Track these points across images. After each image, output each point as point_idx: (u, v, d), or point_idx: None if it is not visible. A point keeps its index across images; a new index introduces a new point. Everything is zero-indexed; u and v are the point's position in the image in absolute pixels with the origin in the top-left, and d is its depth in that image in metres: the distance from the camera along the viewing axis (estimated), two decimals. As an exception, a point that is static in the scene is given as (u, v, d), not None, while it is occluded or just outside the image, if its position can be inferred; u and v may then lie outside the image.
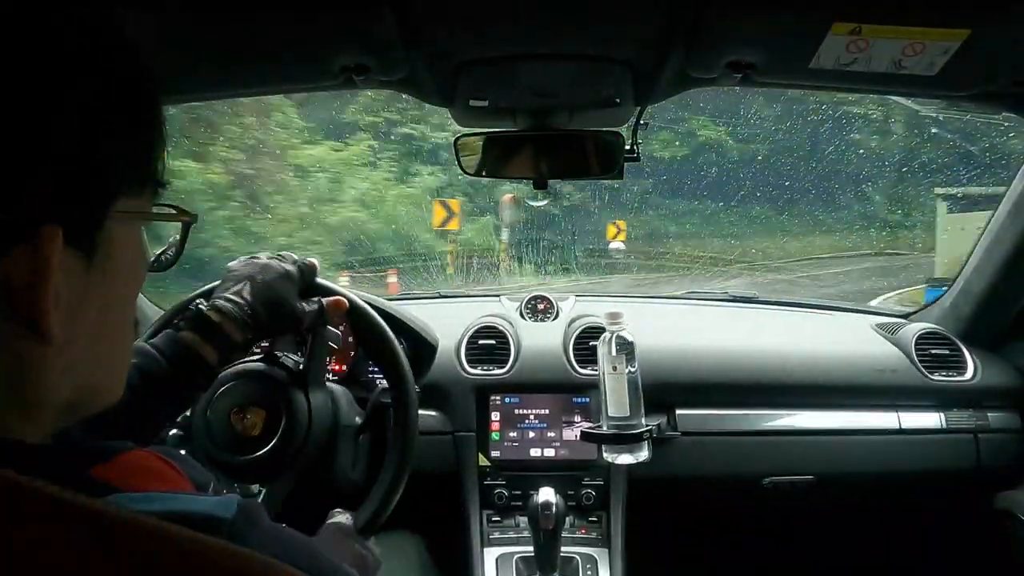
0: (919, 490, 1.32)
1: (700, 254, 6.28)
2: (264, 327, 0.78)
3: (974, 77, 0.83)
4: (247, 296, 0.76)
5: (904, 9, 0.69)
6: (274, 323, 0.79)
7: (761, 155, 7.48)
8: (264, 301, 0.77)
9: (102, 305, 0.35)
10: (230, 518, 0.33)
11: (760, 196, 7.37)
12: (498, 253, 5.09)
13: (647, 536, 1.24)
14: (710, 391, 1.28)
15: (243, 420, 0.83)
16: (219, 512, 0.33)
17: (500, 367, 1.29)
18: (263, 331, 0.79)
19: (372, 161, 6.07)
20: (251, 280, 0.78)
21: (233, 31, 0.74)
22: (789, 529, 1.46)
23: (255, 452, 0.82)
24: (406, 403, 0.90)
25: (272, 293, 0.78)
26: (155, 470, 0.36)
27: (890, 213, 7.20)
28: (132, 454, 0.36)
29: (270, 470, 0.84)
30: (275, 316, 0.78)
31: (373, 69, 0.83)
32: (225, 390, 0.85)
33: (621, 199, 6.59)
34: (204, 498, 0.35)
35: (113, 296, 0.36)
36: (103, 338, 0.36)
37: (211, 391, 0.85)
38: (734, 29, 0.75)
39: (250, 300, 0.76)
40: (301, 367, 0.88)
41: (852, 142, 7.01)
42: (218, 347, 0.74)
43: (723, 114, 7.57)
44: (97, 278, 0.34)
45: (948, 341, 1.35)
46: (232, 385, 0.85)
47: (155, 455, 0.37)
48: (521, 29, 0.76)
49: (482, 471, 1.24)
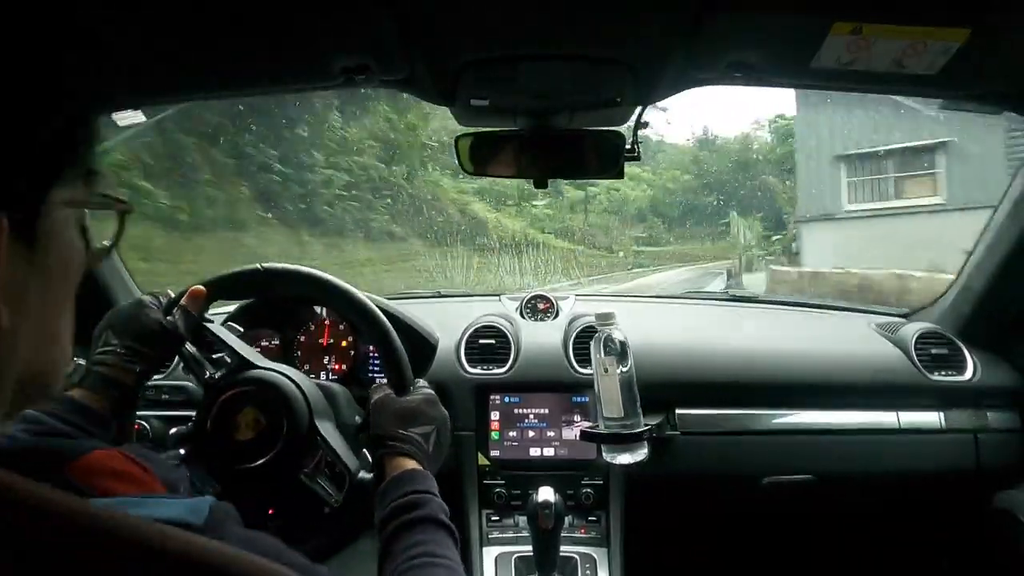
0: (918, 490, 1.32)
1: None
2: (145, 355, 0.82)
3: (975, 77, 0.83)
4: (114, 340, 0.81)
5: (905, 9, 0.69)
6: (148, 346, 0.82)
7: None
8: (131, 335, 0.81)
9: (44, 295, 0.36)
10: (201, 524, 0.33)
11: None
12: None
13: (646, 536, 1.24)
14: (709, 390, 1.28)
15: (241, 423, 0.85)
16: (190, 518, 0.33)
17: (500, 366, 1.29)
18: (147, 359, 0.82)
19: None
20: (110, 325, 0.82)
21: (233, 31, 0.74)
22: (788, 528, 1.46)
23: (255, 460, 0.83)
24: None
25: (134, 324, 0.82)
26: (122, 472, 0.36)
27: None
28: (96, 454, 0.35)
29: (273, 474, 0.85)
30: (146, 341, 0.82)
31: (374, 69, 0.83)
32: (226, 398, 0.86)
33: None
34: (175, 501, 0.35)
35: (54, 286, 0.37)
36: (47, 327, 0.37)
37: (211, 400, 0.86)
38: (735, 29, 0.74)
39: (118, 340, 0.81)
40: (217, 375, 0.90)
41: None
42: (110, 396, 0.77)
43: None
44: (39, 269, 0.35)
45: (948, 341, 1.35)
46: (240, 391, 0.86)
47: (122, 455, 0.37)
48: (522, 29, 0.76)
49: (481, 470, 1.24)
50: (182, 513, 0.33)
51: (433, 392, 0.91)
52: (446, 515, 0.73)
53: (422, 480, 0.77)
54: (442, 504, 0.74)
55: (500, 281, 5.01)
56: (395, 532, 0.69)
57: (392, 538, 0.69)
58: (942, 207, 8.59)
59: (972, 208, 7.02)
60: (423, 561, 0.65)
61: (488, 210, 8.37)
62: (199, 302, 0.90)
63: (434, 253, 5.67)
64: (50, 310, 0.37)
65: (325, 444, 0.87)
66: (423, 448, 0.82)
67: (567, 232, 9.23)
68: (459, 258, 5.19)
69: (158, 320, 0.84)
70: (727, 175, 12.76)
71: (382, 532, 0.71)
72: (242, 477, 0.83)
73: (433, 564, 0.65)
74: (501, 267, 5.23)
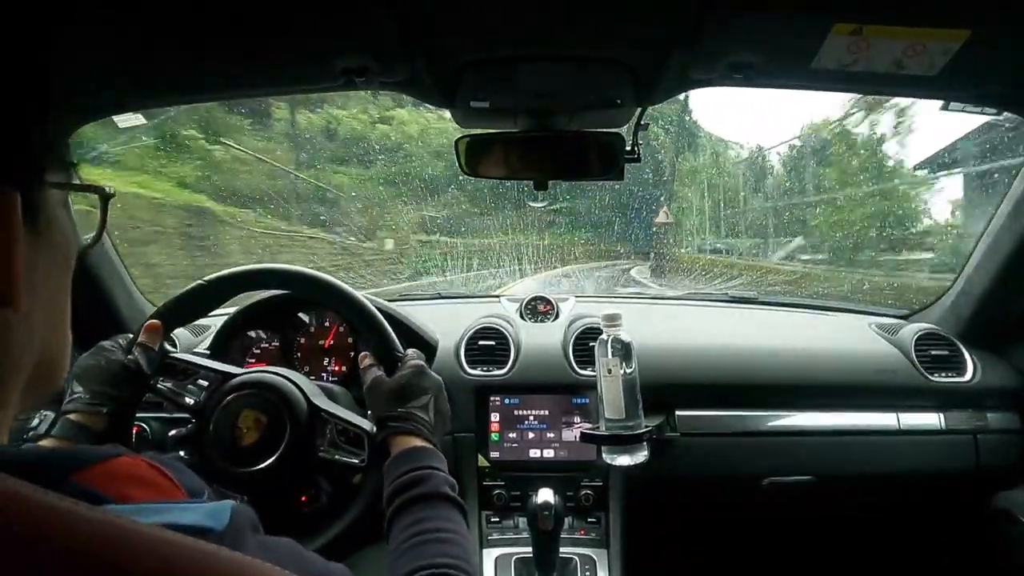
0: (918, 491, 1.32)
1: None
2: (112, 397, 0.83)
3: (974, 77, 0.83)
4: (78, 388, 0.82)
5: (905, 10, 0.69)
6: (114, 388, 0.83)
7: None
8: (95, 380, 0.83)
9: (50, 277, 0.37)
10: (221, 529, 0.33)
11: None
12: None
13: (646, 537, 1.24)
14: (709, 392, 1.28)
15: (243, 428, 0.85)
16: (210, 523, 0.33)
17: (500, 368, 1.29)
18: (118, 401, 0.83)
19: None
20: (75, 375, 0.84)
21: (234, 32, 0.74)
22: (788, 530, 1.46)
23: (268, 458, 0.84)
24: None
25: (95, 370, 0.84)
26: (143, 478, 0.36)
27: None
28: (118, 460, 0.35)
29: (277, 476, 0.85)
30: (110, 383, 0.83)
31: (374, 70, 0.83)
32: (230, 400, 0.86)
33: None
34: (195, 507, 0.35)
35: (56, 270, 0.38)
36: (55, 311, 0.38)
37: (216, 401, 0.86)
38: (735, 30, 0.74)
39: (82, 388, 0.82)
40: (202, 397, 0.90)
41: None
42: (82, 442, 0.79)
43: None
44: (43, 251, 0.36)
45: (948, 342, 1.35)
46: (231, 399, 0.87)
47: (144, 461, 0.37)
48: (522, 31, 0.76)
49: (481, 472, 1.24)
50: (201, 519, 0.32)
51: (420, 361, 0.91)
52: (452, 488, 0.73)
53: (425, 456, 0.76)
54: (447, 477, 0.74)
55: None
56: (398, 510, 0.69)
57: (396, 516, 0.69)
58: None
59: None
60: (425, 537, 0.65)
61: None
62: (156, 336, 0.90)
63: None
64: (56, 294, 0.38)
65: (332, 416, 0.88)
66: (424, 422, 0.82)
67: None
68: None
69: (119, 362, 0.85)
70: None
71: (387, 511, 0.71)
72: (259, 479, 0.84)
73: (437, 540, 0.65)
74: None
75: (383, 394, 0.85)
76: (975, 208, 3.87)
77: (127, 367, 0.85)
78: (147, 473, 0.37)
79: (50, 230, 0.37)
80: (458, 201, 7.36)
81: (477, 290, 3.41)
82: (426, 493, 0.70)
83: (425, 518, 0.68)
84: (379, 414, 0.84)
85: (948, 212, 5.01)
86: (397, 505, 0.70)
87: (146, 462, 0.37)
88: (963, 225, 4.27)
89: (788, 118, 9.80)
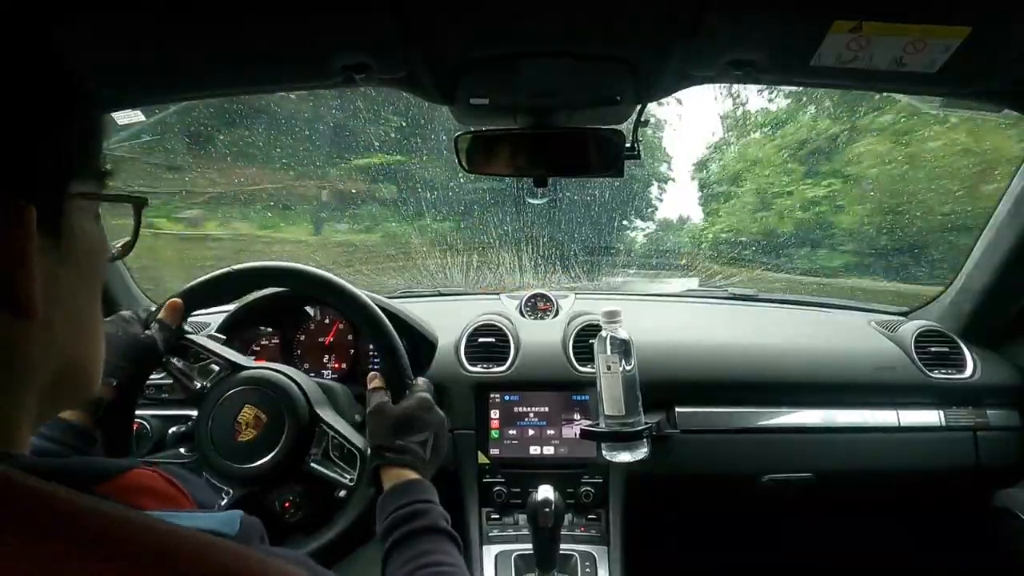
0: (918, 488, 1.32)
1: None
2: (123, 369, 0.83)
3: (975, 75, 0.83)
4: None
5: (905, 7, 0.69)
6: (126, 361, 0.83)
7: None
8: (111, 350, 0.81)
9: (75, 288, 0.37)
10: (233, 535, 0.33)
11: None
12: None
13: (646, 534, 1.24)
14: (709, 389, 1.28)
15: (242, 424, 0.85)
16: (223, 529, 0.33)
17: (500, 365, 1.29)
18: (128, 374, 0.83)
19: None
20: None
21: (233, 31, 0.74)
22: (788, 527, 1.46)
23: (263, 457, 0.84)
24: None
25: (113, 340, 0.83)
26: (158, 490, 0.37)
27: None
28: (135, 473, 0.36)
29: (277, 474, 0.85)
30: (123, 355, 0.83)
31: (373, 68, 0.83)
32: (229, 396, 0.86)
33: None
34: (206, 515, 0.36)
35: (82, 282, 0.38)
36: (81, 320, 0.38)
37: (222, 389, 0.87)
38: (735, 27, 0.74)
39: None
40: (208, 383, 0.90)
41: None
42: (90, 410, 0.79)
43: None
44: (67, 264, 0.36)
45: (947, 339, 1.35)
46: (236, 392, 0.87)
47: (159, 474, 0.38)
48: (521, 28, 0.76)
49: (481, 469, 1.24)
50: (214, 525, 0.33)
51: (428, 395, 0.90)
52: (447, 522, 0.74)
53: (421, 490, 0.77)
54: (443, 512, 0.75)
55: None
56: (399, 542, 0.70)
57: (396, 549, 0.69)
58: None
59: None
60: (432, 571, 0.65)
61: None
62: (177, 315, 0.90)
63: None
64: (83, 303, 0.38)
65: (330, 428, 0.88)
66: (420, 457, 0.82)
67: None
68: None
69: (135, 335, 0.85)
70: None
71: (384, 543, 0.71)
72: (249, 477, 0.84)
73: (438, 573, 0.65)
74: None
75: (385, 422, 0.85)
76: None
77: (143, 341, 0.85)
78: (162, 486, 0.38)
79: (74, 240, 0.36)
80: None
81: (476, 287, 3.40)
82: (425, 527, 0.71)
83: (425, 552, 0.68)
84: (378, 441, 0.84)
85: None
86: (396, 538, 0.70)
87: (160, 474, 0.38)
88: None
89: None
